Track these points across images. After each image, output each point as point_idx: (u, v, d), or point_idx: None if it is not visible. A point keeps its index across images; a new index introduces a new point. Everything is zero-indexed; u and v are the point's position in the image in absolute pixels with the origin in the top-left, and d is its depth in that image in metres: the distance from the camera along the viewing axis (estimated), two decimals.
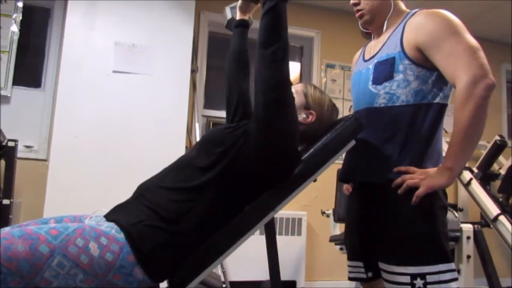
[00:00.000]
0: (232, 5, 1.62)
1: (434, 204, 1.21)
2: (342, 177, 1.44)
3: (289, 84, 1.16)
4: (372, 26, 1.41)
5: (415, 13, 1.29)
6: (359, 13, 1.39)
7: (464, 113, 1.13)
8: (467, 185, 2.78)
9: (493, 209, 2.52)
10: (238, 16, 1.59)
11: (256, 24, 1.50)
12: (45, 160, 2.96)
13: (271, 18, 1.17)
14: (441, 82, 1.25)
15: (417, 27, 1.24)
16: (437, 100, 1.26)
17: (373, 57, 1.36)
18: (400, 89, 1.26)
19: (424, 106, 1.25)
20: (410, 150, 1.24)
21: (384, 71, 1.29)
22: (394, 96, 1.27)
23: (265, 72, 1.14)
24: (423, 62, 1.24)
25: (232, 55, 1.56)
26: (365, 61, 1.41)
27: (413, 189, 1.18)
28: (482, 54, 1.16)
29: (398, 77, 1.26)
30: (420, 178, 1.18)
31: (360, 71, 1.41)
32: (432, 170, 1.20)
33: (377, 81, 1.31)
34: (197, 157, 1.20)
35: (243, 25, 1.59)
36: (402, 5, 1.39)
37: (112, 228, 1.03)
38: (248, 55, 1.57)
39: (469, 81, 1.13)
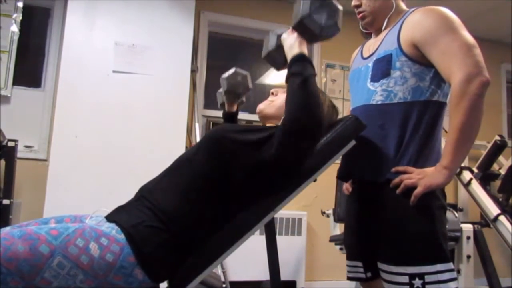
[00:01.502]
0: (220, 90, 1.65)
1: (432, 204, 1.21)
2: (340, 175, 1.44)
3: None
4: (373, 27, 1.41)
5: (413, 10, 1.29)
6: (361, 14, 1.39)
7: (459, 111, 1.13)
8: (467, 185, 2.78)
9: (493, 209, 2.53)
10: (226, 107, 1.64)
11: (262, 25, 1.53)
12: (45, 160, 2.97)
13: (304, 95, 1.11)
14: (439, 79, 1.24)
15: (414, 24, 1.24)
16: (436, 97, 1.26)
17: (371, 55, 1.36)
18: (397, 86, 1.26)
19: (421, 103, 1.25)
20: (408, 149, 1.24)
21: (381, 68, 1.29)
22: (391, 93, 1.27)
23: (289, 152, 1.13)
24: (420, 59, 1.23)
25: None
26: (364, 59, 1.41)
27: (411, 189, 1.18)
28: (477, 51, 1.16)
29: (395, 74, 1.26)
30: (418, 177, 1.18)
31: (359, 68, 1.41)
32: (429, 169, 1.20)
33: (374, 78, 1.31)
34: (198, 157, 1.20)
35: (230, 118, 1.66)
36: (403, 5, 1.39)
37: (112, 229, 1.03)
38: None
39: (464, 78, 1.12)
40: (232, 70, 1.56)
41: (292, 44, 1.18)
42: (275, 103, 1.35)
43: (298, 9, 1.16)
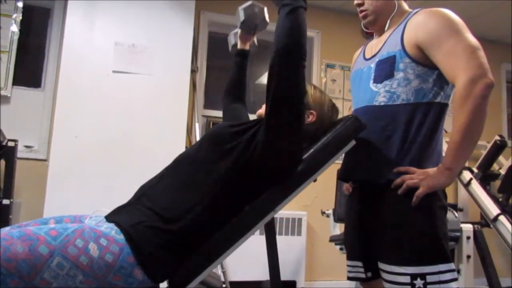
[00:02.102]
0: (234, 31, 1.65)
1: (433, 204, 1.21)
2: (342, 175, 1.44)
3: (299, 102, 1.16)
4: (375, 26, 1.41)
5: (416, 12, 1.29)
6: (363, 13, 1.38)
7: (463, 112, 1.13)
8: (467, 185, 2.78)
9: (493, 209, 2.53)
10: (238, 45, 1.62)
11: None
12: (45, 160, 2.96)
13: (290, 22, 1.13)
14: (442, 81, 1.24)
15: (418, 25, 1.24)
16: (438, 99, 1.26)
17: (374, 55, 1.36)
18: (401, 88, 1.26)
19: (424, 105, 1.25)
20: (410, 150, 1.24)
21: (385, 69, 1.29)
22: (395, 95, 1.27)
23: (276, 84, 1.13)
24: (423, 60, 1.23)
25: (229, 88, 1.64)
26: (366, 59, 1.41)
27: (412, 189, 1.18)
28: (482, 53, 1.16)
29: (399, 75, 1.26)
30: (420, 178, 1.18)
31: (361, 69, 1.41)
32: (431, 170, 1.20)
33: (377, 79, 1.31)
34: (198, 156, 1.20)
35: (242, 55, 1.63)
36: (405, 5, 1.39)
37: (112, 229, 1.03)
38: (245, 87, 1.64)
39: (468, 80, 1.13)
40: (249, 2, 1.53)
41: None
42: None
43: None
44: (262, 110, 1.37)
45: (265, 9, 1.54)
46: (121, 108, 2.72)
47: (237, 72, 1.63)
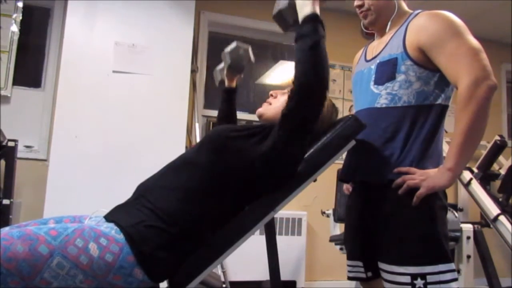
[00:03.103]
0: (220, 66, 1.66)
1: (434, 204, 1.21)
2: (343, 177, 1.44)
3: (313, 129, 1.17)
4: (375, 26, 1.41)
5: (418, 14, 1.30)
6: (363, 13, 1.39)
7: (465, 114, 1.13)
8: (467, 185, 2.78)
9: (493, 209, 2.53)
10: (226, 83, 1.64)
11: (262, 25, 1.54)
12: (45, 160, 2.96)
13: (315, 58, 1.13)
14: (443, 83, 1.24)
15: (419, 28, 1.24)
16: (439, 101, 1.26)
17: (375, 57, 1.36)
18: (402, 90, 1.26)
19: (425, 107, 1.25)
20: (411, 151, 1.24)
21: (386, 71, 1.29)
22: (396, 97, 1.27)
23: (298, 112, 1.13)
24: (425, 63, 1.24)
25: (220, 119, 1.67)
26: (367, 61, 1.41)
27: (413, 189, 1.18)
28: (484, 55, 1.16)
29: (400, 77, 1.26)
30: (421, 179, 1.18)
31: (362, 71, 1.41)
32: (432, 171, 1.20)
33: (379, 81, 1.31)
34: (200, 157, 1.20)
35: (230, 92, 1.65)
36: (405, 6, 1.39)
37: (111, 229, 1.03)
38: (236, 118, 1.67)
39: (471, 82, 1.13)
40: (233, 44, 1.55)
41: (305, 1, 1.18)
42: (274, 106, 1.35)
43: None
44: (262, 109, 1.37)
45: (250, 49, 1.57)
46: (121, 108, 2.72)
47: (226, 107, 1.66)
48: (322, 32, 1.15)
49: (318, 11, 1.18)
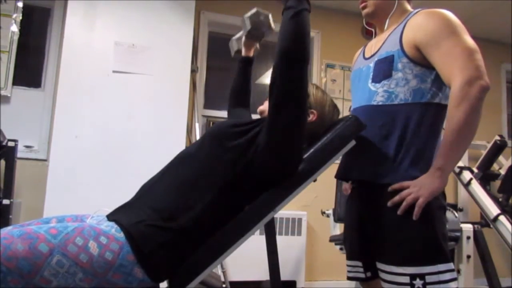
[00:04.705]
0: (236, 36, 1.62)
1: (432, 204, 1.20)
2: (338, 174, 1.44)
3: (301, 104, 1.15)
4: (374, 21, 1.42)
5: (416, 12, 1.30)
6: (363, 4, 1.40)
7: (457, 113, 1.14)
8: (467, 185, 2.78)
9: (493, 209, 2.53)
10: (243, 52, 1.61)
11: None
12: (45, 160, 2.97)
13: (294, 25, 1.13)
14: (441, 81, 1.24)
15: (417, 25, 1.24)
16: (437, 100, 1.26)
17: (373, 55, 1.36)
18: (399, 88, 1.26)
19: (422, 105, 1.25)
20: (408, 150, 1.24)
21: (383, 69, 1.29)
22: (393, 95, 1.27)
23: (279, 86, 1.13)
24: (422, 61, 1.24)
25: (233, 93, 1.63)
26: (366, 59, 1.41)
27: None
28: (479, 56, 1.16)
29: (397, 75, 1.26)
30: (416, 190, 1.17)
31: (360, 69, 1.42)
32: (423, 177, 1.19)
33: (376, 79, 1.31)
34: (199, 154, 1.19)
35: (247, 62, 1.61)
36: (407, 5, 1.39)
37: (112, 227, 1.03)
38: (250, 94, 1.63)
39: (464, 82, 1.13)
40: (254, 10, 1.51)
41: None
42: None
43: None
44: (263, 107, 1.37)
45: (270, 16, 1.52)
46: (121, 108, 2.72)
47: (242, 79, 1.62)
48: (306, 5, 1.16)
49: None
